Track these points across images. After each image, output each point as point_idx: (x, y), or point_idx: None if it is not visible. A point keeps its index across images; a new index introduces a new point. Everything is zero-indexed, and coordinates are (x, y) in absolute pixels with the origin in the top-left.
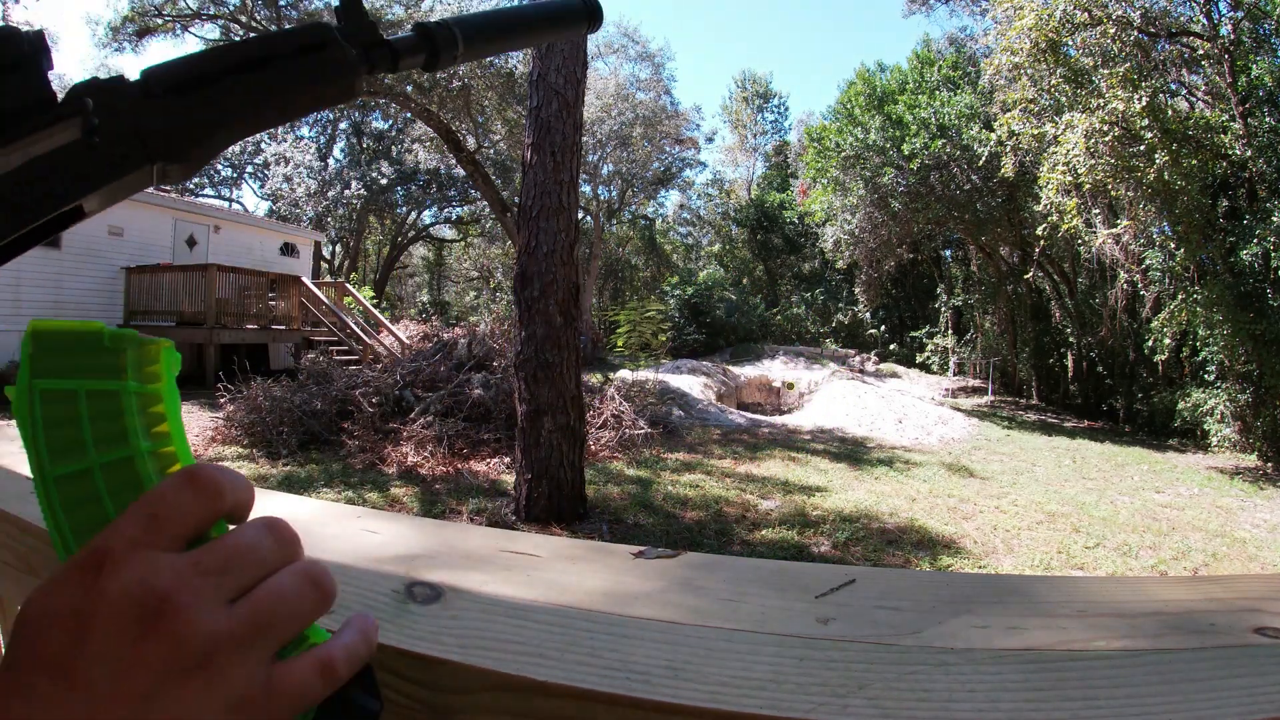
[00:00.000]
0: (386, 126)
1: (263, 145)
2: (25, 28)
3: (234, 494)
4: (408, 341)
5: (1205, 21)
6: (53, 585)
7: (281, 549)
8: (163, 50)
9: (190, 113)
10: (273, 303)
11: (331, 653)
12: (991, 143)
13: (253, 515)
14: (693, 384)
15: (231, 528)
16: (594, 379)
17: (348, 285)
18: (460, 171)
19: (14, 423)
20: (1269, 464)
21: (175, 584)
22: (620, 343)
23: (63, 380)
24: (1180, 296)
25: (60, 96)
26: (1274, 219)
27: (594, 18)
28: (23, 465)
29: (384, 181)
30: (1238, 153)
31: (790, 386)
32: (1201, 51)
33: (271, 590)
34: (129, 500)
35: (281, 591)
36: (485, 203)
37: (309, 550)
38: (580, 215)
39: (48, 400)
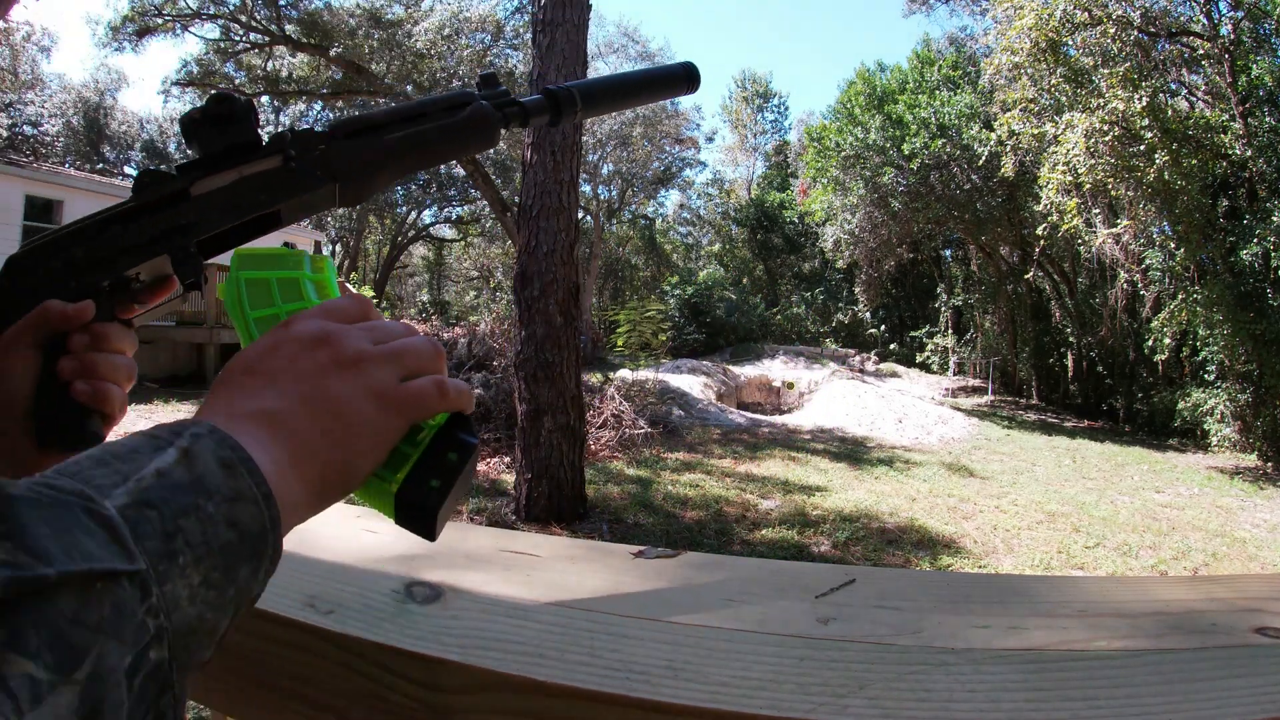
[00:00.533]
0: None
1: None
2: (238, 93)
3: (374, 309)
4: None
5: (1205, 21)
6: (254, 341)
7: (409, 330)
8: (163, 49)
9: (362, 151)
10: None
11: (445, 379)
12: (991, 142)
13: None
14: (693, 384)
15: None
16: (594, 379)
17: (348, 285)
18: (460, 171)
19: None
20: (1269, 464)
21: (339, 327)
22: (620, 342)
23: (259, 273)
24: (1180, 296)
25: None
26: (1274, 219)
27: (693, 81)
28: None
29: None
30: (1238, 153)
31: (790, 386)
32: (1201, 51)
33: (404, 341)
34: None
35: (410, 342)
36: (485, 202)
37: (308, 550)
38: (580, 215)
39: (249, 285)
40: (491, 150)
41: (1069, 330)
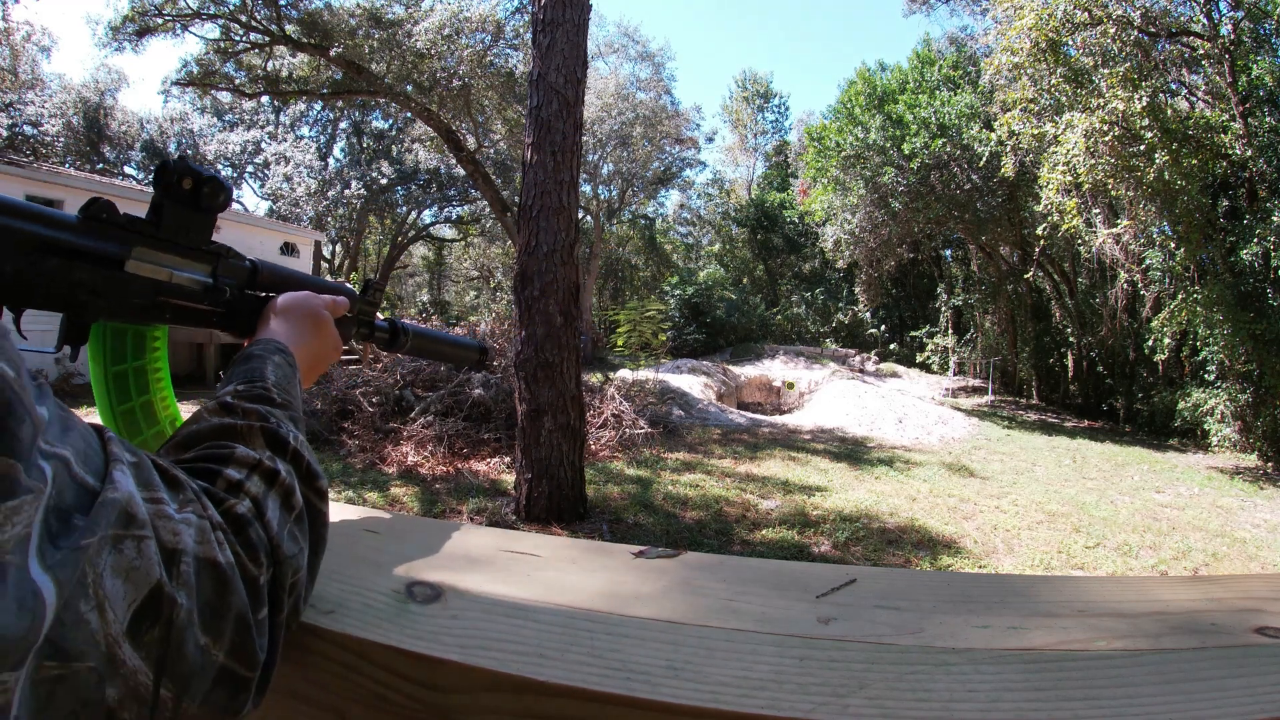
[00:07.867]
0: (387, 126)
1: (263, 145)
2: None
3: None
4: None
5: (1205, 21)
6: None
7: None
8: (163, 49)
9: None
10: None
11: None
12: (992, 142)
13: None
14: (693, 384)
15: None
16: (594, 379)
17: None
18: (460, 171)
19: None
20: (1269, 464)
21: None
22: (620, 342)
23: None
24: (1180, 296)
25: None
26: (1274, 219)
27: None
28: None
29: (384, 181)
30: (1238, 153)
31: (790, 386)
32: (1201, 51)
33: None
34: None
35: None
36: (485, 202)
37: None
38: (580, 215)
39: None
40: (491, 150)
41: (1069, 330)
